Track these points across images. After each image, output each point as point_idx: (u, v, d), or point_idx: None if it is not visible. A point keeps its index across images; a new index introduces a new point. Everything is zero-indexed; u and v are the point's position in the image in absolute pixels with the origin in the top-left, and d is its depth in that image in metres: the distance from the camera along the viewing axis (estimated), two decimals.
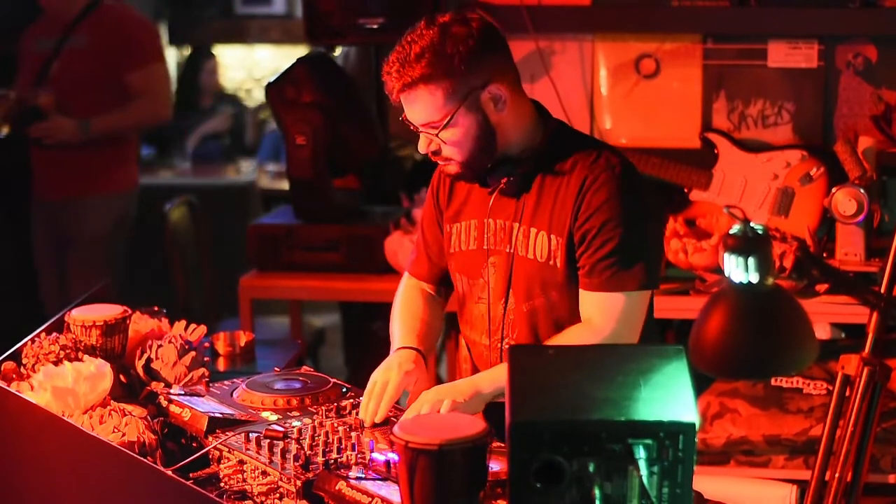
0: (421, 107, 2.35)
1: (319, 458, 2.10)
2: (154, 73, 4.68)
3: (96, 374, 2.35)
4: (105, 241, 4.71)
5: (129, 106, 4.60)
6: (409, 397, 2.40)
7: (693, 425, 1.56)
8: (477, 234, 2.52)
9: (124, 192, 4.74)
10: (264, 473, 2.09)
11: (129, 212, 4.78)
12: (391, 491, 1.93)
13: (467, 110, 2.35)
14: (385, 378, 2.37)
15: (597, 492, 1.58)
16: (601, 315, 2.38)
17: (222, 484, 2.14)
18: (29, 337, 2.50)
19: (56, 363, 2.41)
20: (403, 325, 2.57)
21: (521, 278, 2.46)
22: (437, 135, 2.36)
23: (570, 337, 2.38)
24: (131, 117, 4.64)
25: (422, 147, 2.42)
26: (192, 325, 2.71)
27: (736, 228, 1.61)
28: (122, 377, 2.52)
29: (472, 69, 2.33)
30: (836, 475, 2.49)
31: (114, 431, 2.19)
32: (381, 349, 2.54)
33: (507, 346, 2.48)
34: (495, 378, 2.34)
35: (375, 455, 2.06)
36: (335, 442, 2.15)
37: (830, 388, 3.44)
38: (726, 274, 1.61)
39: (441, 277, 2.66)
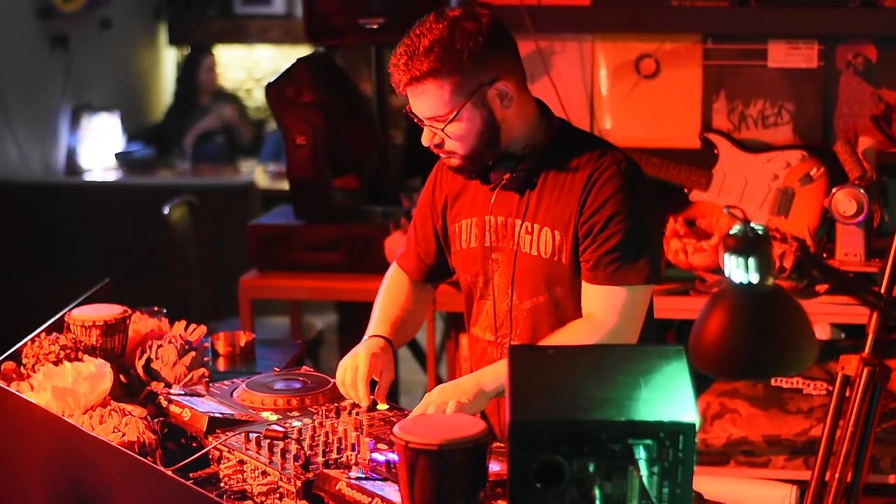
0: (428, 101, 2.35)
1: (319, 458, 2.10)
2: None
3: (96, 374, 2.35)
4: None
5: None
6: (377, 386, 2.42)
7: (693, 425, 1.56)
8: (477, 231, 2.52)
9: None
10: (264, 473, 2.09)
11: None
12: (391, 491, 1.93)
13: (474, 106, 2.35)
14: (354, 363, 2.41)
15: (597, 492, 1.58)
16: (604, 309, 2.38)
17: (222, 484, 2.14)
18: (29, 337, 2.50)
19: (56, 363, 2.41)
20: (381, 312, 2.60)
21: (526, 275, 2.46)
22: (442, 129, 2.37)
23: (572, 331, 2.38)
24: None
25: (425, 140, 2.42)
26: (192, 325, 2.71)
27: (736, 229, 1.61)
28: (122, 377, 2.52)
29: (481, 66, 2.33)
30: (836, 475, 2.48)
31: (114, 431, 2.19)
32: None
33: (511, 343, 2.49)
34: (498, 374, 2.34)
35: (375, 455, 2.06)
36: (335, 442, 2.15)
37: (830, 388, 3.44)
38: (726, 274, 1.61)
39: (428, 274, 2.67)
